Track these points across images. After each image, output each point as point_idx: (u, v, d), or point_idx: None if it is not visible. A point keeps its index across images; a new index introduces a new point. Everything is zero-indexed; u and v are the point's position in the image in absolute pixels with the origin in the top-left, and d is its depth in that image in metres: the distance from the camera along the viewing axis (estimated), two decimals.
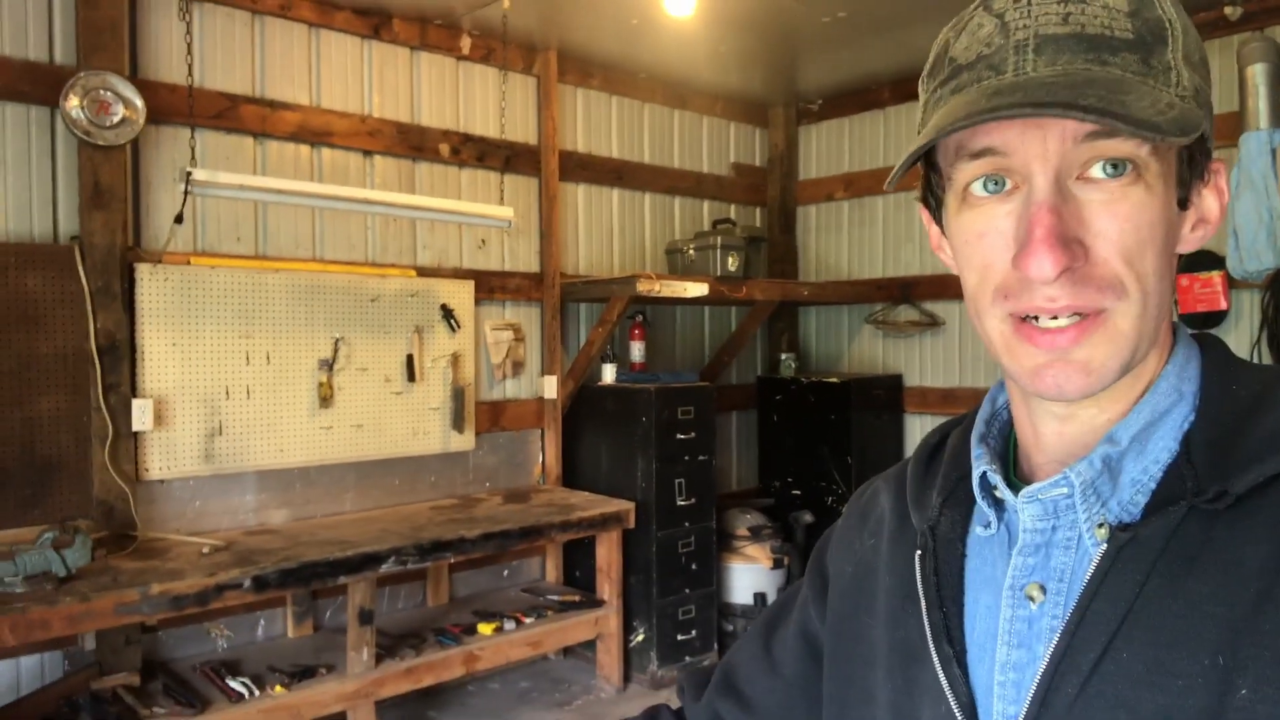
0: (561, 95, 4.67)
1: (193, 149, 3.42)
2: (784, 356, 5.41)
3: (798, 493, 5.14)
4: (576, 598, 4.27)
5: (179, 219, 3.25)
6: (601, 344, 4.49)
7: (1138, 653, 0.59)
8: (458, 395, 4.24)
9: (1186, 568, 0.60)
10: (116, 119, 3.22)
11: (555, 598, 4.28)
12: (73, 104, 3.15)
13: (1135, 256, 0.61)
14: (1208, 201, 0.67)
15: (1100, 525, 0.64)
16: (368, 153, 4.04)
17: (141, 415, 3.34)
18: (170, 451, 3.45)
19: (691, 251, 4.68)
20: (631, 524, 4.21)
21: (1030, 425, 0.70)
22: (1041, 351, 0.62)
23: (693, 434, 4.38)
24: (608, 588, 4.22)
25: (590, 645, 4.32)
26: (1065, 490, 0.65)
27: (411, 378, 4.09)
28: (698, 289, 4.34)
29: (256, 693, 3.19)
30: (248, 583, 3.06)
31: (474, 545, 3.66)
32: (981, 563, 0.72)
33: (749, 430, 5.52)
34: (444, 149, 4.25)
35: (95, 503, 3.27)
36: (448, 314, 4.21)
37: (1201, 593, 0.58)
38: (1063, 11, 0.61)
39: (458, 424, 4.24)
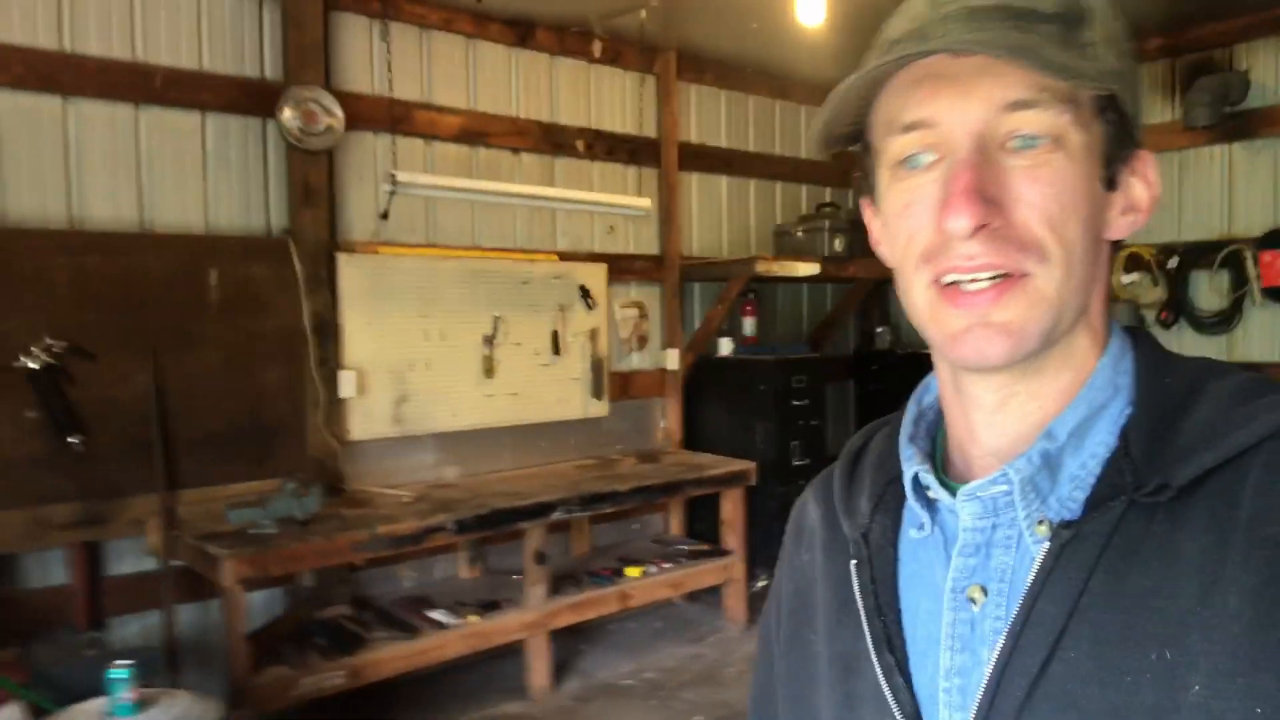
0: (679, 91, 5.10)
1: (394, 153, 3.92)
2: (879, 330, 5.83)
3: None
4: (705, 547, 4.75)
5: (385, 215, 3.75)
6: (720, 320, 4.94)
7: (1085, 651, 0.59)
8: (595, 367, 4.72)
9: (1129, 563, 0.59)
10: (322, 127, 3.72)
11: (685, 547, 4.76)
12: (287, 114, 3.65)
13: (1057, 221, 0.61)
14: (1136, 190, 0.67)
15: (1040, 522, 0.63)
16: (516, 150, 4.51)
17: (347, 384, 3.86)
18: (368, 416, 3.97)
19: (800, 233, 5.11)
20: (753, 482, 4.66)
21: (964, 418, 0.69)
22: (962, 313, 0.62)
23: (806, 400, 4.82)
24: (733, 538, 4.69)
25: (713, 591, 4.78)
26: (1004, 487, 0.64)
27: (556, 351, 4.58)
28: (809, 268, 4.77)
29: (455, 621, 3.71)
30: (451, 525, 3.57)
31: (625, 498, 4.14)
32: (918, 566, 0.71)
33: (845, 400, 5.94)
34: (579, 144, 4.71)
35: (310, 460, 3.79)
36: (585, 294, 4.68)
37: (1145, 587, 0.58)
38: None
39: (596, 392, 4.73)
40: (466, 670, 4.05)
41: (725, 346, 5.08)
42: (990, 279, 0.61)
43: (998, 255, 0.60)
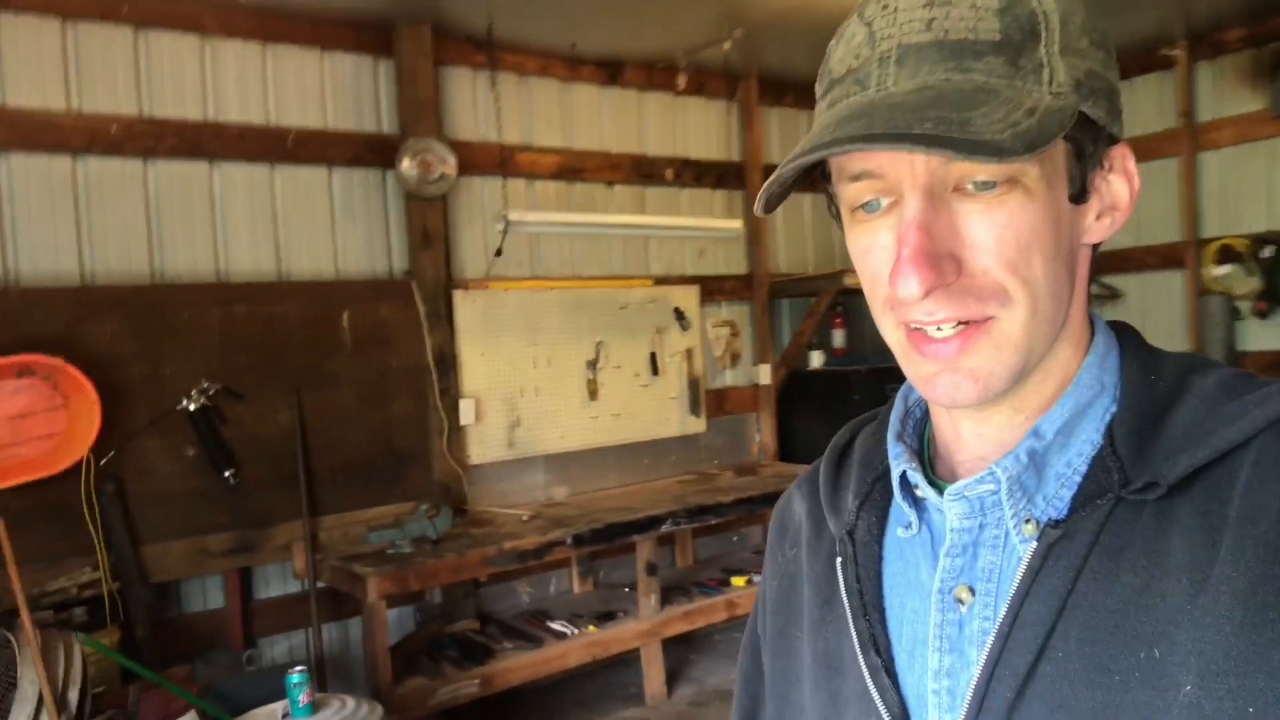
0: (760, 116, 5.28)
1: (504, 195, 4.19)
2: None
3: None
4: None
5: (499, 253, 4.03)
6: (810, 333, 5.09)
7: (1074, 651, 0.58)
8: (692, 385, 4.92)
9: (1117, 561, 0.59)
10: (437, 175, 4.00)
11: None
12: (405, 165, 3.95)
13: (1018, 263, 0.59)
14: (1115, 188, 0.65)
15: (1027, 521, 0.63)
16: (610, 183, 4.75)
17: (467, 412, 4.14)
18: (485, 441, 4.24)
19: None
20: None
21: (950, 425, 0.69)
22: (930, 361, 0.62)
23: None
24: None
25: None
26: (991, 486, 0.64)
27: (655, 372, 4.79)
28: None
29: (575, 632, 3.93)
30: (569, 540, 3.79)
31: (728, 509, 4.32)
32: (904, 565, 0.70)
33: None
34: (668, 173, 4.93)
35: (436, 484, 4.07)
36: (679, 315, 4.89)
37: (1134, 586, 0.58)
38: (927, 17, 0.59)
39: (694, 409, 4.92)
40: (585, 679, 4.27)
41: (816, 359, 5.23)
42: (954, 327, 0.60)
43: (957, 308, 0.59)
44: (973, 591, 0.64)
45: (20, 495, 3.07)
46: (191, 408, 3.52)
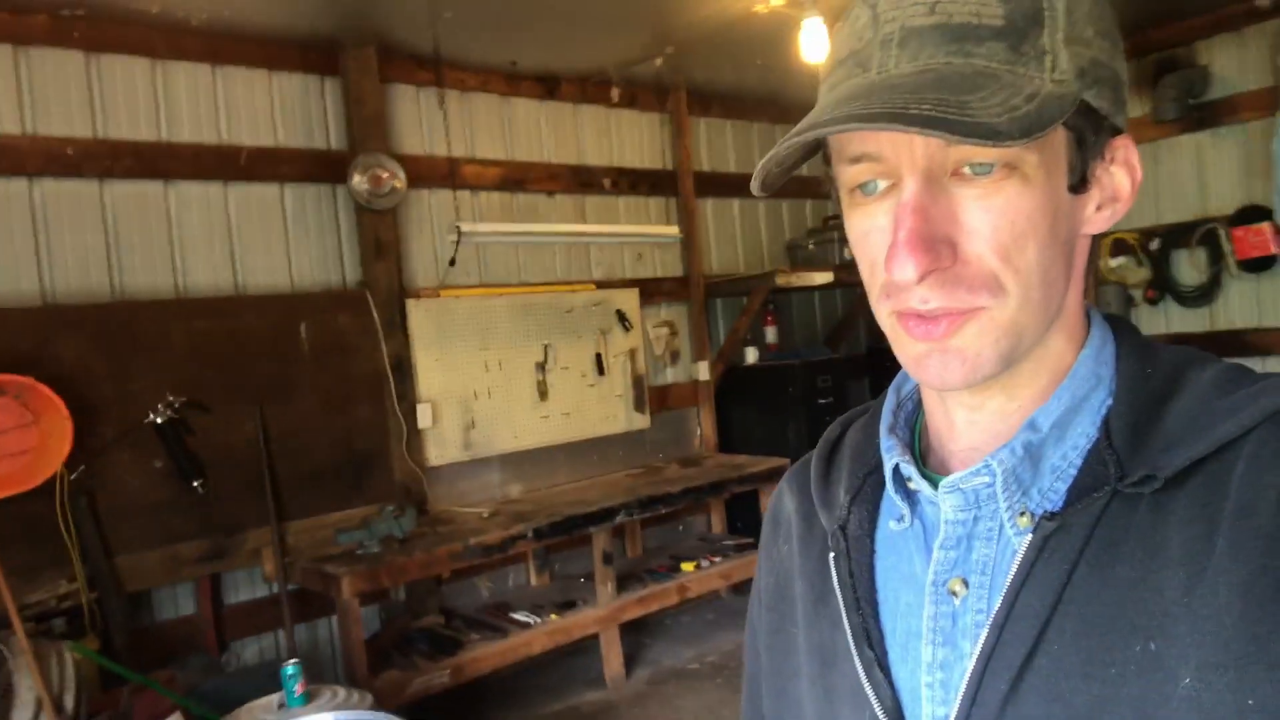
0: (690, 126, 5.56)
1: (455, 206, 4.37)
2: None
3: None
4: (748, 540, 5.17)
5: (453, 262, 4.20)
6: (745, 330, 5.39)
7: (1069, 644, 0.58)
8: (636, 383, 5.16)
9: (1113, 554, 0.59)
10: (387, 189, 4.16)
11: (729, 543, 5.19)
12: (356, 180, 4.10)
13: (1012, 251, 0.59)
14: (1117, 179, 0.65)
15: (1022, 514, 0.63)
16: (550, 193, 4.96)
17: (424, 416, 4.30)
18: (442, 443, 4.41)
19: (811, 245, 5.57)
20: None
21: (944, 415, 0.69)
22: (918, 342, 0.62)
23: (831, 399, 5.27)
24: None
25: None
26: (987, 479, 0.64)
27: (601, 371, 5.02)
28: (824, 277, 5.23)
29: (538, 621, 4.13)
30: (530, 534, 3.99)
31: (678, 499, 4.57)
32: (897, 559, 0.70)
33: (863, 395, 6.38)
34: (605, 182, 5.17)
35: (398, 486, 4.22)
36: (621, 317, 5.12)
37: (1130, 578, 0.58)
38: (930, 1, 0.59)
39: (639, 406, 5.16)
40: (548, 666, 4.48)
41: (751, 355, 5.53)
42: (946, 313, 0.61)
43: (949, 298, 0.60)
44: (967, 584, 0.64)
45: None
46: (159, 421, 3.61)
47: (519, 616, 4.16)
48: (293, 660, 2.80)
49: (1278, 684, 0.51)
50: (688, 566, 4.76)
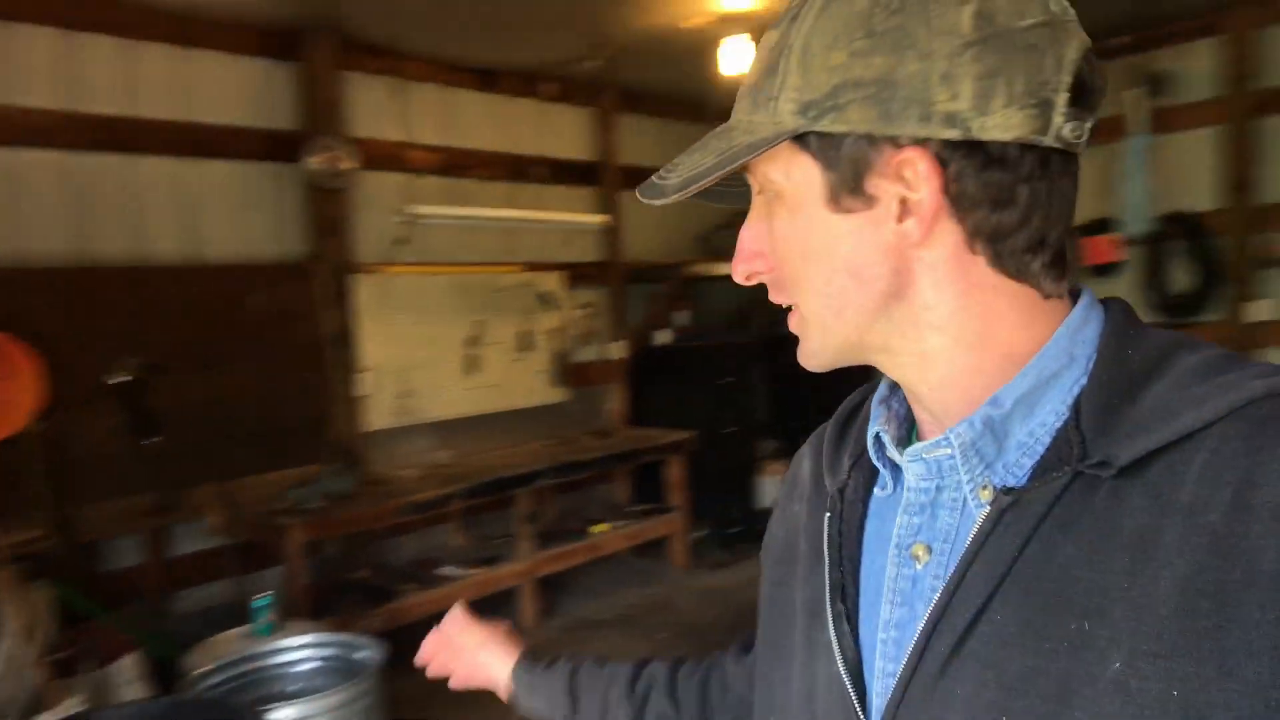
0: (617, 122, 5.97)
1: (408, 190, 4.69)
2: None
3: (802, 426, 6.63)
4: (653, 506, 5.70)
5: (402, 241, 4.52)
6: (659, 314, 5.87)
7: (1011, 615, 0.60)
8: (558, 360, 5.59)
9: (1065, 533, 0.60)
10: (340, 169, 4.45)
11: (636, 509, 5.70)
12: (310, 160, 4.38)
13: (787, 260, 0.68)
14: (896, 192, 0.63)
15: (985, 487, 0.65)
16: (486, 179, 5.32)
17: (363, 384, 4.63)
18: (379, 409, 4.76)
19: (720, 237, 6.08)
20: (694, 448, 5.62)
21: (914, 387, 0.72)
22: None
23: (734, 378, 5.81)
24: (677, 497, 5.64)
25: (657, 545, 5.73)
26: (947, 450, 0.66)
27: (526, 348, 5.43)
28: (728, 268, 5.73)
29: (465, 573, 4.55)
30: (464, 491, 4.41)
31: (595, 465, 5.06)
32: (880, 523, 0.73)
33: (762, 377, 6.97)
34: (537, 172, 5.55)
35: (338, 448, 4.56)
36: (547, 298, 5.53)
37: (1076, 558, 0.59)
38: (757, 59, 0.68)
39: (559, 381, 5.60)
40: None
41: (663, 336, 6.03)
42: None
43: (778, 295, 0.71)
44: (930, 550, 0.67)
45: None
46: (118, 380, 3.86)
47: (446, 571, 4.57)
48: (266, 592, 3.15)
49: (1203, 679, 0.52)
50: (600, 528, 5.25)
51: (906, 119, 0.61)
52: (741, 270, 0.72)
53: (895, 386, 0.76)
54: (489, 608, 4.99)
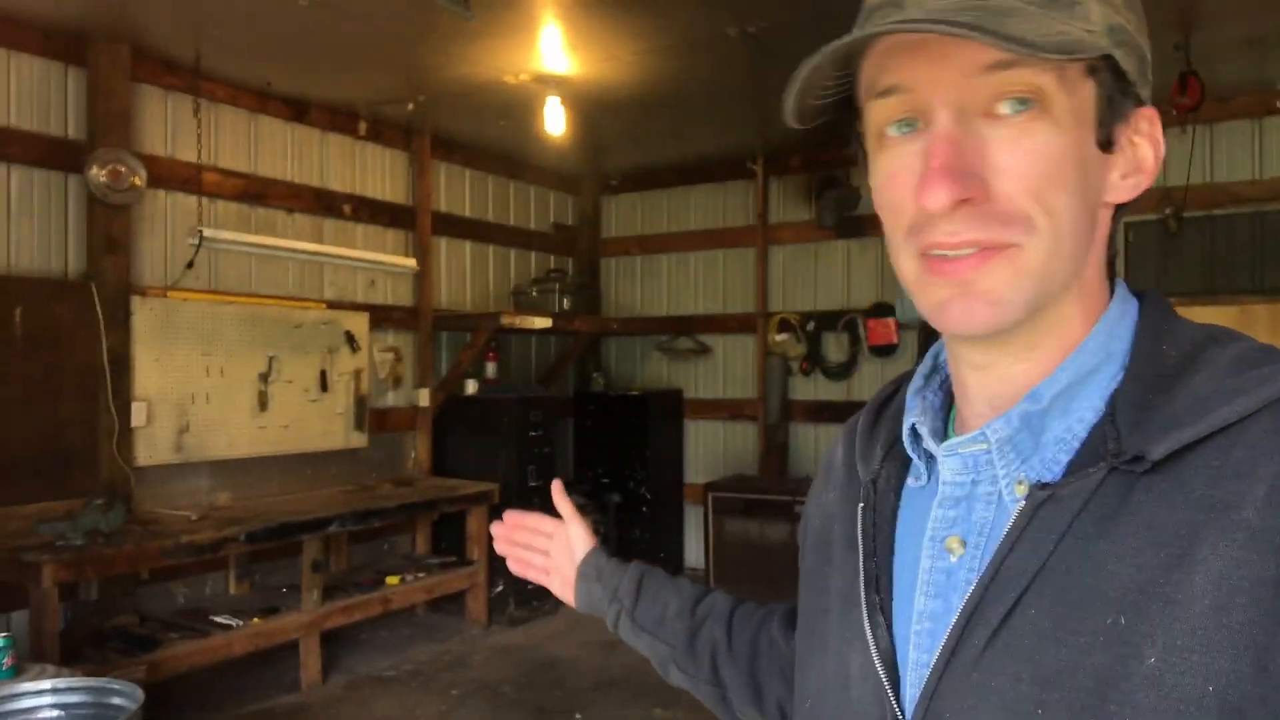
0: (432, 168, 5.95)
1: (200, 212, 4.42)
2: (595, 375, 6.96)
3: (607, 480, 6.66)
4: (452, 559, 5.52)
5: (190, 265, 4.25)
6: (468, 363, 5.80)
7: (1045, 609, 0.59)
8: (359, 403, 5.38)
9: (1100, 528, 0.59)
10: (126, 185, 4.17)
11: (434, 561, 5.50)
12: (94, 172, 4.08)
13: (1043, 191, 0.60)
14: (1141, 150, 0.65)
15: (1020, 482, 0.64)
16: (290, 210, 5.13)
17: (139, 415, 4.27)
18: (153, 444, 4.39)
19: (534, 293, 6.12)
20: (497, 500, 5.52)
21: (957, 376, 0.71)
22: (945, 283, 0.62)
23: (540, 432, 5.79)
24: (477, 550, 5.50)
25: (454, 600, 5.55)
26: (984, 445, 0.66)
27: (324, 389, 5.20)
28: (544, 322, 5.78)
29: (240, 624, 4.21)
30: (243, 537, 4.11)
31: (392, 514, 4.86)
32: (913, 514, 0.73)
33: (568, 432, 6.99)
34: (346, 208, 5.41)
35: (104, 483, 4.15)
36: (350, 339, 5.35)
37: (1112, 553, 0.58)
38: None
39: (358, 425, 5.38)
40: (244, 672, 4.53)
41: (471, 387, 5.93)
42: (974, 250, 0.61)
43: (981, 231, 0.60)
44: (965, 544, 0.67)
45: None
46: None
47: (219, 619, 4.22)
48: (3, 634, 2.79)
49: (1240, 675, 0.52)
50: (392, 580, 5.02)
51: (1145, 84, 0.65)
52: (954, 191, 0.59)
53: (929, 378, 0.76)
54: (266, 662, 4.66)
